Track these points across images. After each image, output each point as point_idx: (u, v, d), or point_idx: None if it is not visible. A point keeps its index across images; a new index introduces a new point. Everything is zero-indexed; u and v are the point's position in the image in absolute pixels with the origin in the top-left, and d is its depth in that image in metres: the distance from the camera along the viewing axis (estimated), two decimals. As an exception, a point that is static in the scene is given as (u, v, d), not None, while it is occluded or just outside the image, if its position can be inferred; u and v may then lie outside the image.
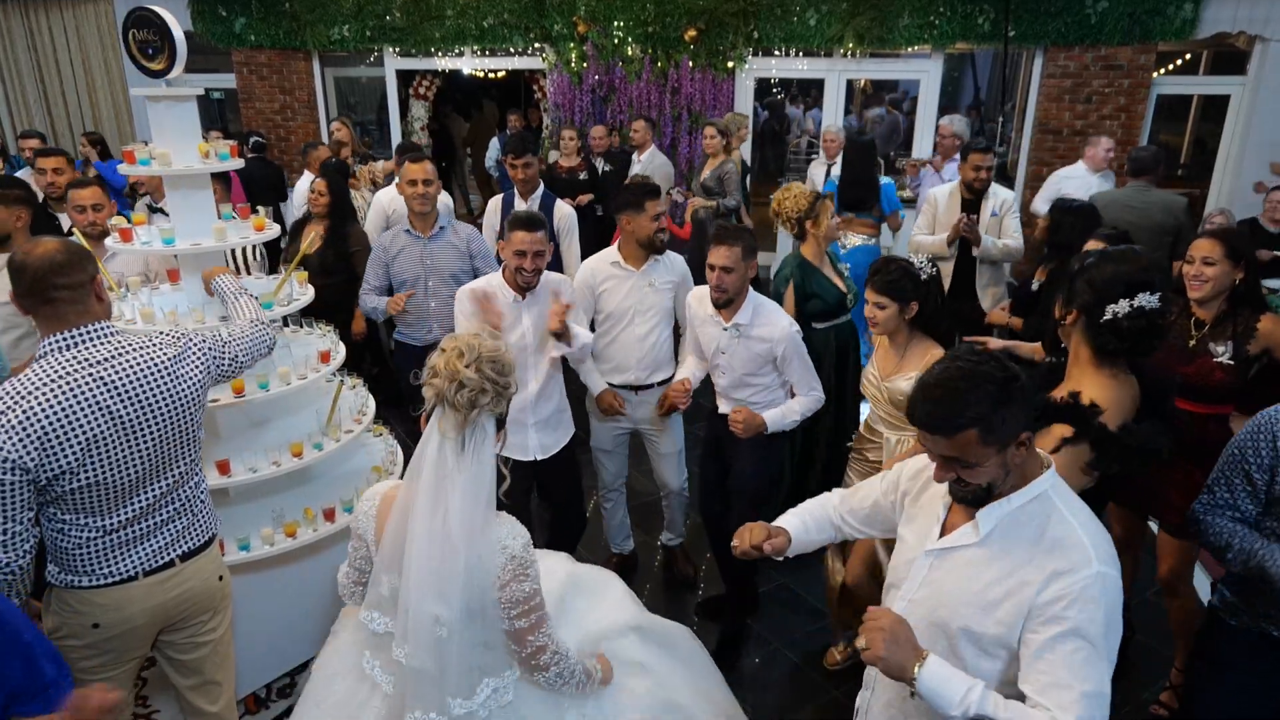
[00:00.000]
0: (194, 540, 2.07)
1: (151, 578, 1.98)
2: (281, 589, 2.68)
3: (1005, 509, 1.41)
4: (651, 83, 7.36)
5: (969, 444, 1.34)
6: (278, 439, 2.68)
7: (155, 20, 2.45)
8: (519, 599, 1.65)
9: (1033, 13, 6.69)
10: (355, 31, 7.77)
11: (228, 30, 7.94)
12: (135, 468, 1.87)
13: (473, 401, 1.58)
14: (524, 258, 2.72)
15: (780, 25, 7.18)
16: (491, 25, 7.54)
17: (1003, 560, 1.40)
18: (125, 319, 2.54)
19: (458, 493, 1.61)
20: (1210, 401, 2.50)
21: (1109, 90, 6.89)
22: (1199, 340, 2.51)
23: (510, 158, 3.92)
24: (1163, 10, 6.52)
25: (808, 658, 3.05)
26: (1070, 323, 1.93)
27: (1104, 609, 1.32)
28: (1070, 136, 7.05)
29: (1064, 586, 1.33)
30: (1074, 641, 1.31)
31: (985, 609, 1.40)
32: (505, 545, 1.64)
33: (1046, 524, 1.39)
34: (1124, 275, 1.84)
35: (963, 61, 8.76)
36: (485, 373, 1.58)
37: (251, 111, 8.32)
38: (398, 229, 3.56)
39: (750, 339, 2.74)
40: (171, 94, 2.49)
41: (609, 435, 3.27)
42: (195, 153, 2.53)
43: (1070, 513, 1.40)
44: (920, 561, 1.51)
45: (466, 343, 1.62)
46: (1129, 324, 1.83)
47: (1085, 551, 1.34)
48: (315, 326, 2.98)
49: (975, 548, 1.43)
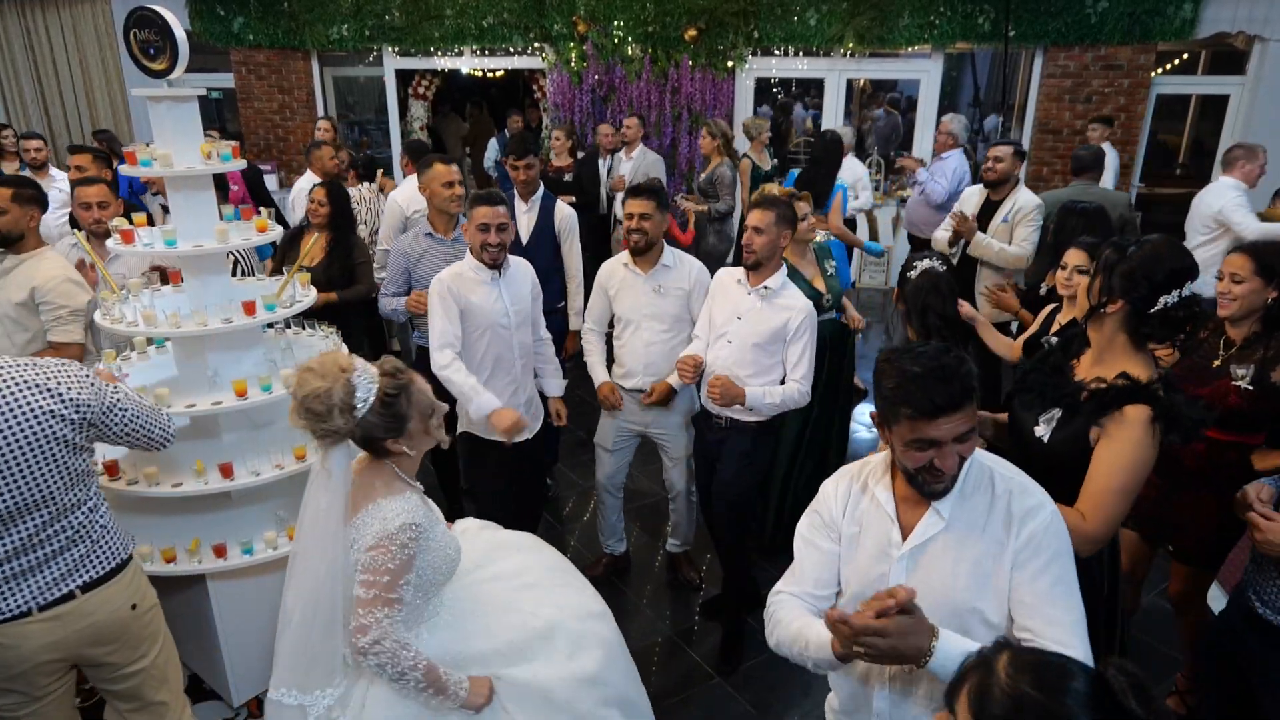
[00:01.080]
0: (95, 569, 1.94)
1: (48, 612, 1.87)
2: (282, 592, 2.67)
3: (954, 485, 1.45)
4: (651, 82, 7.34)
5: (974, 413, 1.39)
6: (280, 441, 2.67)
7: (157, 20, 2.43)
8: (368, 566, 1.69)
9: (1033, 12, 6.69)
10: (354, 31, 7.74)
11: (226, 29, 7.91)
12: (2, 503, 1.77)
13: (317, 437, 1.69)
14: (487, 231, 2.78)
15: (780, 25, 7.17)
16: (491, 25, 7.52)
17: (975, 531, 1.44)
18: (127, 321, 2.53)
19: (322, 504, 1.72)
20: (1225, 428, 2.34)
21: (1109, 90, 6.89)
22: (1224, 361, 2.39)
23: (511, 159, 3.86)
24: (1162, 10, 6.52)
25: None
26: (1112, 312, 1.91)
27: (1066, 538, 1.43)
28: (1070, 136, 7.05)
29: (1035, 524, 1.40)
30: (1054, 571, 1.39)
31: (982, 582, 1.42)
32: (385, 518, 1.71)
33: (992, 482, 1.46)
34: (1172, 264, 1.86)
35: (962, 61, 8.77)
36: (306, 415, 1.66)
37: (250, 111, 8.29)
38: (416, 232, 3.53)
39: (773, 305, 2.74)
40: (173, 94, 2.47)
41: (613, 433, 3.24)
42: (197, 153, 2.51)
43: (1001, 464, 1.48)
44: (896, 569, 1.49)
45: (292, 388, 1.70)
46: (1180, 313, 1.87)
47: (1039, 492, 1.45)
48: (318, 328, 2.96)
49: (945, 533, 1.45)
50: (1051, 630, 1.36)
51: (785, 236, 2.74)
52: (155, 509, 2.69)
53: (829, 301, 3.44)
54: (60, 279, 2.96)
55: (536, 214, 3.87)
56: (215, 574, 2.52)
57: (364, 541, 1.70)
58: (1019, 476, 1.47)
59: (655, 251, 3.01)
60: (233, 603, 2.59)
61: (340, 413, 1.64)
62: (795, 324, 2.72)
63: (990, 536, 1.43)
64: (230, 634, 2.61)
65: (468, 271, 2.88)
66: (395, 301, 3.50)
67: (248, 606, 2.61)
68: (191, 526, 2.61)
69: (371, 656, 1.68)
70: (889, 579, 1.49)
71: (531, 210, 3.88)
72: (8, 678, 1.88)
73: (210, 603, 2.56)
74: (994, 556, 1.42)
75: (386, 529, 1.69)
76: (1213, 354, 2.43)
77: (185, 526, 2.60)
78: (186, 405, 2.49)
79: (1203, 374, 2.41)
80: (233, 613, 2.60)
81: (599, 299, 3.19)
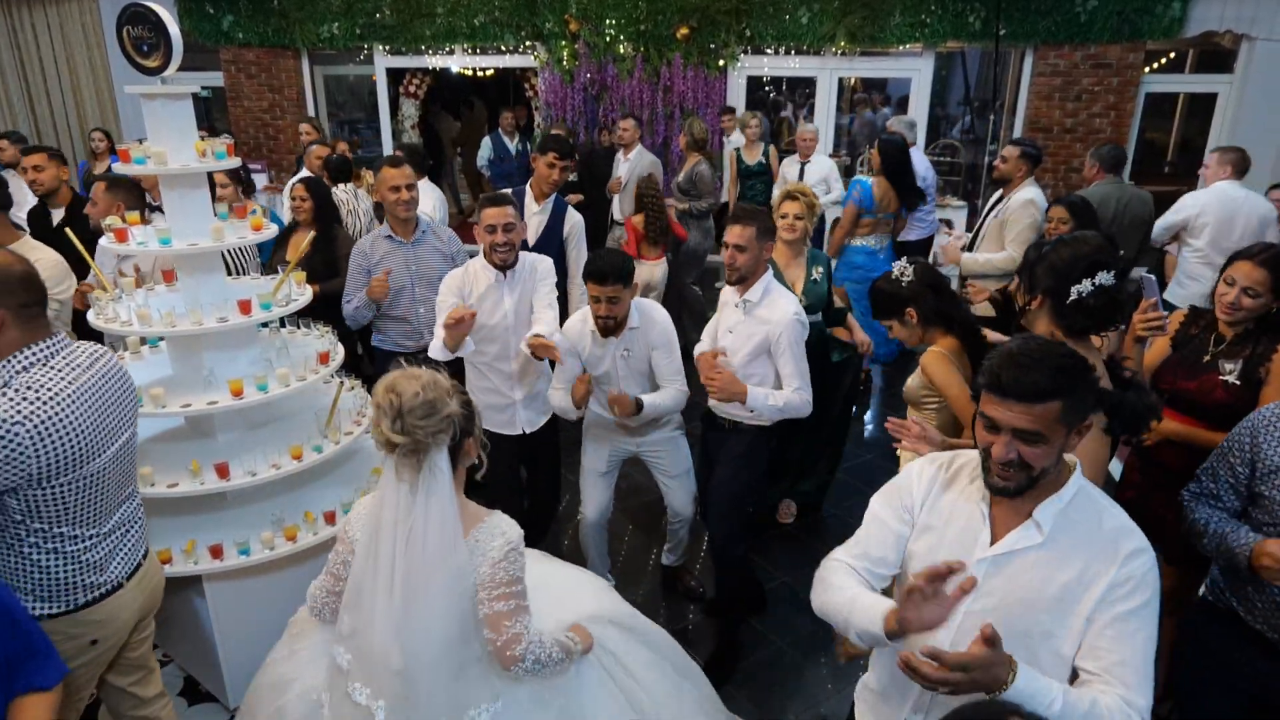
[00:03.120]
0: (146, 537, 2.12)
1: (132, 580, 1.99)
2: (281, 594, 2.65)
3: (1059, 504, 1.40)
4: (643, 81, 7.34)
5: (1050, 417, 1.33)
6: (277, 441, 2.65)
7: (150, 17, 2.41)
8: (502, 580, 1.69)
9: (1023, 11, 6.74)
10: (345, 29, 7.70)
11: (215, 28, 7.85)
12: (127, 464, 1.93)
13: (414, 451, 1.62)
14: (495, 232, 2.81)
15: (772, 23, 7.19)
16: (483, 23, 7.50)
17: (1072, 556, 1.38)
18: (121, 320, 2.50)
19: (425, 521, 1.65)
20: (1211, 422, 2.35)
21: (1098, 89, 6.95)
22: (1214, 356, 2.40)
23: (554, 156, 3.74)
24: (1151, 9, 6.58)
25: (811, 656, 3.04)
26: (1036, 308, 1.99)
27: (1158, 591, 1.38)
28: (1061, 135, 7.10)
29: (1135, 567, 1.36)
30: (1139, 620, 1.34)
31: (1065, 608, 1.37)
32: (504, 531, 1.73)
33: (1100, 514, 1.41)
34: (1082, 257, 1.93)
35: (953, 60, 8.81)
36: (410, 426, 1.59)
37: (239, 110, 8.23)
38: (377, 234, 3.47)
39: (753, 318, 2.72)
40: (167, 92, 2.45)
41: (605, 456, 3.07)
42: (192, 151, 2.49)
43: (1109, 503, 1.44)
44: (974, 570, 1.42)
45: (386, 401, 1.61)
46: (1094, 301, 1.92)
47: (1142, 536, 1.39)
48: (314, 328, 2.95)
49: (1039, 549, 1.39)
50: (1121, 672, 1.32)
51: (768, 249, 2.72)
52: (150, 509, 2.65)
53: (802, 303, 3.35)
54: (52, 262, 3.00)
55: (547, 216, 3.85)
56: (211, 575, 2.50)
57: (491, 556, 1.69)
58: (1125, 518, 1.42)
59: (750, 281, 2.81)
60: (229, 604, 2.57)
61: (447, 396, 1.64)
62: (776, 336, 2.67)
63: (1088, 566, 1.37)
64: (227, 636, 2.59)
65: (478, 267, 2.95)
66: (358, 299, 3.38)
67: (244, 608, 2.59)
68: (187, 527, 2.59)
69: (529, 660, 1.72)
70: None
71: (544, 212, 3.85)
72: (103, 650, 1.95)
73: (206, 604, 2.54)
74: (1085, 586, 1.37)
75: (510, 539, 1.72)
76: (1203, 349, 2.45)
77: (181, 527, 2.58)
78: (182, 405, 2.47)
79: (1192, 367, 2.43)
80: (229, 614, 2.58)
81: (570, 365, 2.94)
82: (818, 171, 6.09)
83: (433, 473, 1.65)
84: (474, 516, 1.76)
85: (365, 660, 1.73)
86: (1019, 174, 4.10)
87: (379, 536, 1.70)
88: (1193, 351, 2.47)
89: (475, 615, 1.71)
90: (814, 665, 3.00)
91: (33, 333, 1.75)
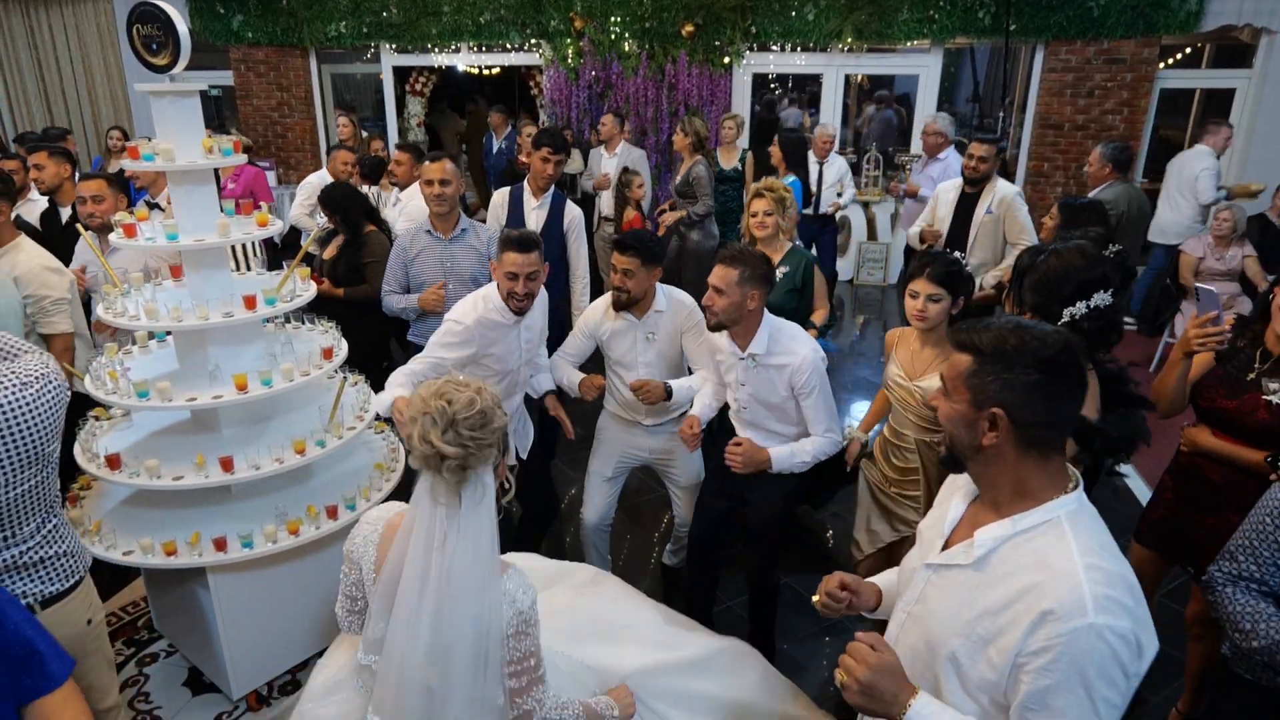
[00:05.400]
0: (57, 585, 1.89)
1: None
2: (284, 586, 2.69)
3: (1005, 530, 1.26)
4: (648, 79, 7.34)
5: (958, 370, 1.28)
6: (280, 436, 2.68)
7: (160, 15, 2.44)
8: (514, 656, 1.58)
9: (1034, 6, 6.68)
10: (352, 28, 7.75)
11: (225, 27, 7.92)
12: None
13: (462, 467, 1.47)
14: (515, 280, 2.60)
15: (778, 20, 7.17)
16: (488, 21, 7.52)
17: (995, 591, 1.23)
18: (129, 315, 2.54)
19: (462, 551, 1.51)
20: (1252, 444, 2.16)
21: (1111, 84, 6.87)
22: (1258, 374, 2.19)
23: (547, 150, 3.75)
24: (1166, 3, 6.50)
25: (814, 657, 3.03)
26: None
27: (1096, 666, 1.13)
28: (1072, 131, 7.04)
29: (1050, 635, 1.14)
30: (1059, 704, 1.14)
31: (975, 644, 1.25)
32: (515, 600, 1.56)
33: (1049, 556, 1.20)
34: (1075, 271, 1.78)
35: (961, 56, 8.76)
36: (464, 437, 1.46)
37: (249, 109, 8.29)
38: (418, 228, 3.50)
39: (768, 368, 2.51)
40: (175, 89, 2.48)
41: (614, 461, 3.02)
42: (199, 148, 2.52)
43: (1079, 546, 1.20)
44: (920, 574, 1.40)
45: (437, 407, 1.46)
46: (1089, 325, 1.78)
47: (1080, 596, 1.14)
48: (317, 323, 2.97)
49: (969, 569, 1.29)
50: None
51: (754, 298, 2.42)
52: (156, 502, 2.70)
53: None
54: (38, 268, 3.01)
55: (547, 211, 3.87)
56: (215, 567, 2.53)
57: (501, 627, 1.55)
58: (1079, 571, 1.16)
59: (646, 300, 2.82)
60: (232, 596, 2.60)
61: (498, 410, 1.51)
62: (799, 380, 2.48)
63: (1008, 613, 1.20)
64: (230, 627, 2.62)
65: (494, 315, 2.70)
66: (405, 300, 3.45)
67: (247, 600, 2.63)
68: (192, 520, 2.62)
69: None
70: (914, 579, 1.42)
71: (542, 207, 3.87)
72: None
73: (210, 596, 2.57)
74: (1001, 632, 1.21)
75: (520, 610, 1.56)
76: (1248, 366, 2.22)
77: (186, 520, 2.61)
78: (187, 399, 2.50)
79: (1234, 385, 2.23)
80: (232, 606, 2.61)
81: (580, 341, 2.99)
82: (834, 173, 6.05)
83: (479, 492, 1.50)
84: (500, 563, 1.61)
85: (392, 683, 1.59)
86: (995, 168, 4.08)
87: (407, 562, 1.54)
88: (1237, 367, 2.25)
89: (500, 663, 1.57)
90: (817, 667, 2.99)
91: None
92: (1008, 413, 1.23)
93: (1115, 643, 1.13)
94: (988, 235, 4.07)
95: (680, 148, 5.53)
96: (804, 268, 3.37)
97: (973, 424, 1.26)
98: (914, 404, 2.51)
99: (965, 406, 1.27)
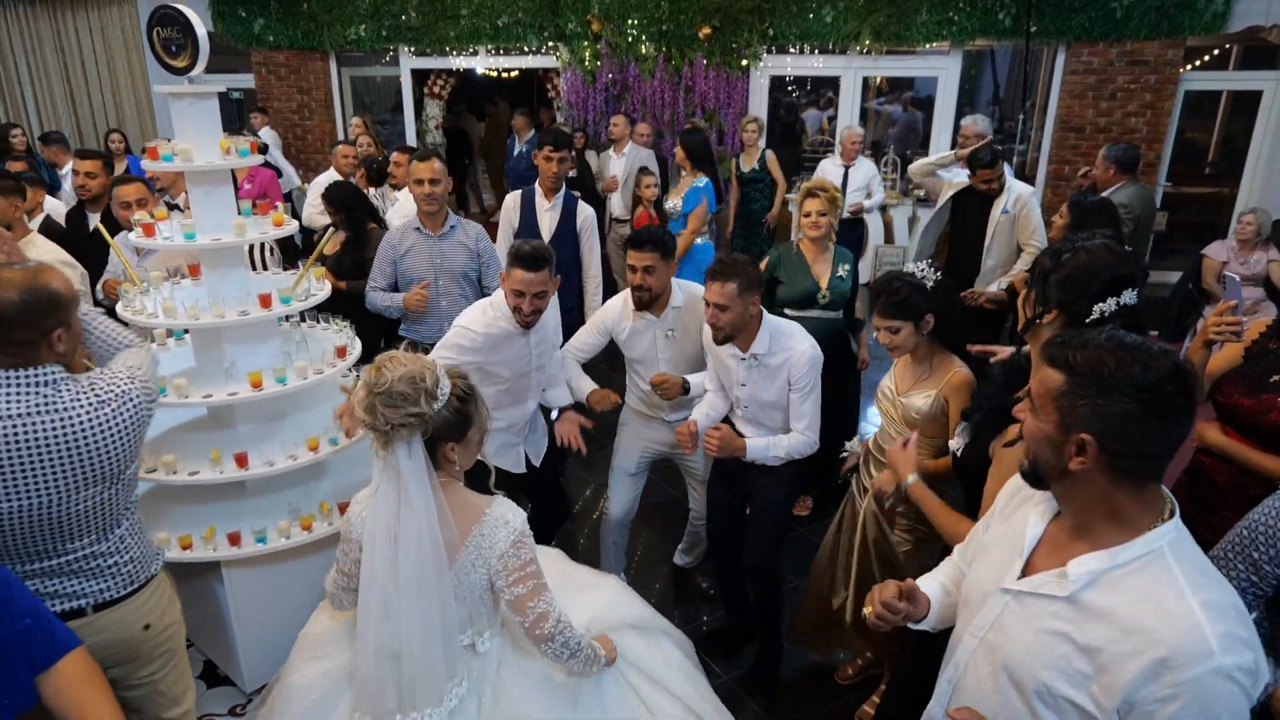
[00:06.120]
0: (112, 591, 1.88)
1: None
2: (297, 581, 2.71)
3: (1103, 564, 1.17)
4: (665, 81, 7.34)
5: (1047, 387, 1.20)
6: (295, 432, 2.71)
7: (179, 18, 2.48)
8: (515, 565, 1.72)
9: (1055, 7, 6.60)
10: (371, 31, 7.83)
11: (247, 30, 8.03)
12: (35, 527, 1.73)
13: (386, 440, 1.64)
14: (523, 298, 2.57)
15: (795, 22, 7.14)
16: (506, 24, 7.56)
17: (1094, 627, 1.16)
18: (148, 313, 2.58)
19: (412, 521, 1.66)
20: (1264, 446, 2.13)
21: (1134, 87, 6.77)
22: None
23: (549, 149, 3.76)
24: (1192, 4, 6.39)
25: (818, 665, 3.00)
26: (1048, 322, 1.77)
27: (1228, 708, 1.07)
28: (1093, 134, 6.95)
29: (1174, 682, 1.07)
30: None
31: (1073, 680, 1.17)
32: (507, 520, 1.74)
33: (1158, 594, 1.12)
34: (1103, 268, 1.74)
35: (981, 58, 8.68)
36: (381, 410, 1.60)
37: (270, 111, 8.40)
38: (406, 226, 3.52)
39: (769, 367, 2.56)
40: (193, 91, 2.52)
41: (636, 455, 3.05)
42: (216, 149, 2.55)
43: (1189, 582, 1.12)
44: (996, 598, 1.31)
45: (370, 375, 1.63)
46: (1119, 323, 1.72)
47: (1203, 639, 1.07)
48: (331, 322, 3.00)
49: (1062, 602, 1.20)
50: None
51: (754, 304, 2.47)
52: (173, 497, 2.75)
53: (824, 298, 3.38)
54: (51, 261, 3.03)
55: (559, 212, 3.88)
56: (229, 561, 2.56)
57: (498, 547, 1.72)
58: (1195, 610, 1.10)
59: (664, 296, 2.83)
60: (247, 590, 2.64)
61: (426, 397, 1.62)
62: (796, 374, 2.53)
63: (1111, 652, 1.13)
64: (243, 621, 2.66)
65: (503, 324, 2.66)
66: (389, 298, 3.45)
67: (261, 594, 2.66)
68: (207, 515, 2.66)
69: (559, 639, 1.76)
70: (987, 603, 1.33)
71: (554, 208, 3.88)
72: None
73: (225, 589, 2.60)
74: (1104, 670, 1.14)
75: (514, 528, 1.73)
76: (1275, 368, 2.16)
77: (201, 515, 2.65)
78: (204, 395, 2.53)
79: (1254, 384, 2.17)
80: (246, 600, 2.64)
81: (594, 337, 2.99)
82: (862, 175, 6.01)
83: (406, 462, 1.64)
84: (474, 511, 1.74)
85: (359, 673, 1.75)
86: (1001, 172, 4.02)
87: (375, 521, 1.71)
88: (1263, 368, 2.19)
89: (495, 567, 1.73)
90: (822, 674, 2.97)
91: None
92: (1098, 441, 1.14)
93: (1243, 679, 1.09)
94: (1004, 235, 4.03)
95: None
96: (853, 267, 3.46)
97: (1059, 446, 1.19)
98: (896, 419, 2.48)
99: (1052, 427, 1.19)
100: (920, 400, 2.40)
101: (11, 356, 1.66)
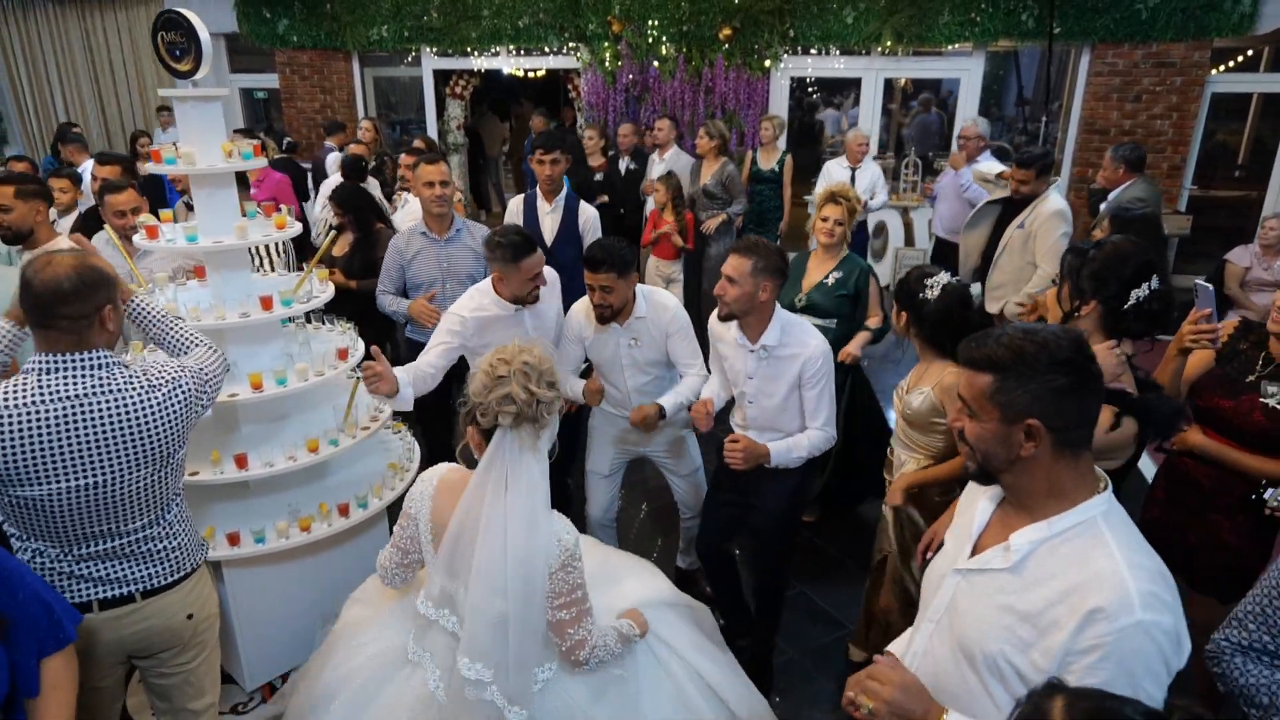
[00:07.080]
0: (160, 578, 1.94)
1: (107, 610, 1.88)
2: (296, 582, 2.73)
3: (1041, 534, 1.25)
4: (685, 82, 7.31)
5: (980, 389, 1.25)
6: (295, 434, 2.73)
7: (183, 23, 2.51)
8: (563, 589, 1.72)
9: (1079, 9, 6.47)
10: (393, 31, 7.90)
11: (271, 31, 8.14)
12: (94, 506, 1.78)
13: (548, 411, 1.70)
14: (538, 278, 2.78)
15: (817, 23, 7.08)
16: (527, 25, 7.59)
17: (1034, 593, 1.23)
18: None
19: (525, 495, 1.70)
20: (1246, 447, 2.19)
21: (1160, 89, 6.62)
22: (1259, 377, 2.23)
23: (540, 152, 3.78)
24: (1219, 5, 6.24)
25: (823, 665, 2.99)
26: (1086, 314, 1.94)
27: (1143, 664, 1.14)
28: (1118, 136, 6.79)
29: (1098, 634, 1.15)
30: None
31: (1017, 647, 1.23)
32: (561, 538, 1.73)
33: (1089, 556, 1.21)
34: (1131, 256, 1.90)
35: (1005, 60, 8.53)
36: (552, 384, 1.70)
37: (293, 111, 8.51)
38: (412, 230, 3.54)
39: (780, 359, 2.50)
40: (197, 94, 2.55)
41: (609, 458, 3.05)
42: (219, 152, 2.58)
43: (1118, 545, 1.21)
44: (949, 580, 1.37)
45: (521, 364, 1.67)
46: (1154, 305, 1.89)
47: (1126, 594, 1.15)
48: (334, 323, 3.02)
49: (1006, 574, 1.27)
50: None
51: (765, 289, 2.41)
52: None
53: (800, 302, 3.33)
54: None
55: (560, 214, 3.88)
56: (229, 561, 2.59)
57: (550, 564, 1.72)
58: (1121, 569, 1.17)
59: (627, 308, 2.81)
60: (247, 590, 2.66)
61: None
62: (809, 370, 2.48)
63: (1050, 614, 1.20)
64: (244, 620, 2.68)
65: (490, 306, 2.79)
66: (396, 304, 3.48)
67: (261, 594, 2.68)
68: (208, 514, 2.69)
69: (594, 663, 1.80)
70: (942, 586, 1.38)
71: (555, 210, 3.88)
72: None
73: (225, 589, 2.63)
74: (1044, 633, 1.20)
75: (567, 547, 1.73)
76: (1249, 368, 2.26)
77: (202, 514, 2.68)
78: (205, 396, 2.56)
79: (1232, 386, 2.26)
80: (247, 600, 2.67)
81: (573, 348, 2.98)
82: (867, 178, 5.94)
83: (547, 437, 1.71)
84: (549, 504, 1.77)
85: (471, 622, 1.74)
86: (1042, 189, 3.86)
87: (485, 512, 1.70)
88: (1237, 368, 2.30)
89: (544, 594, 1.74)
90: (827, 674, 2.95)
91: (43, 344, 1.74)
92: (1043, 421, 1.22)
93: (1161, 639, 1.15)
94: (1015, 251, 3.86)
95: (704, 150, 5.50)
96: (857, 275, 3.36)
97: (1006, 439, 1.25)
98: (899, 415, 2.54)
99: (995, 424, 1.25)
100: (916, 398, 2.44)
101: (68, 334, 1.73)
